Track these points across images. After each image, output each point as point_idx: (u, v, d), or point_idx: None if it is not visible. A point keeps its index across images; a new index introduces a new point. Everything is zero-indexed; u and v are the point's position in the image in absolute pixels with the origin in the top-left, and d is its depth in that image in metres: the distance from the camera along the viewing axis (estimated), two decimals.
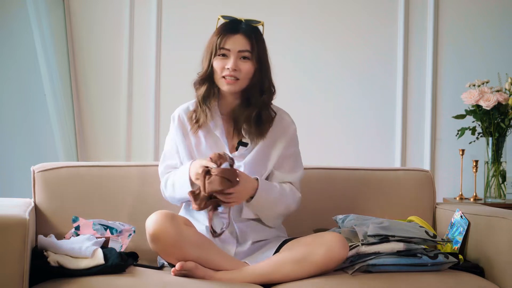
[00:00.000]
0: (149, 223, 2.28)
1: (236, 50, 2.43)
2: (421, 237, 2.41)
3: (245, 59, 2.45)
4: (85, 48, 3.64)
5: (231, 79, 2.43)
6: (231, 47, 2.43)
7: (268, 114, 2.50)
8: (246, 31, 2.46)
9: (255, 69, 2.46)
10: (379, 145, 3.77)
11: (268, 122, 2.49)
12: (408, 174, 2.86)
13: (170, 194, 2.51)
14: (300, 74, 3.74)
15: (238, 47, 2.43)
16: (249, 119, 2.47)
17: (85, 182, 2.62)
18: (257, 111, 2.47)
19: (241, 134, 2.50)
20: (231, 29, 2.46)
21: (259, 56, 2.46)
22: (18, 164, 3.47)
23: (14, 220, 2.09)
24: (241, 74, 2.44)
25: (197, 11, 3.69)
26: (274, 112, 2.53)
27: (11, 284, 2.07)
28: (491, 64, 3.73)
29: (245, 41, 2.44)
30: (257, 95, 2.48)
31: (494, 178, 3.49)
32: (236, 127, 2.51)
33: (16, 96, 3.51)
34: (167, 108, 3.66)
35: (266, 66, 2.49)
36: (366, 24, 3.76)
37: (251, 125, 2.47)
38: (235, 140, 2.51)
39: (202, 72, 2.49)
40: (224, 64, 2.43)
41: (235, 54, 2.43)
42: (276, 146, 2.51)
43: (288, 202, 2.50)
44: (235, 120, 2.51)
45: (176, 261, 2.27)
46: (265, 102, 2.49)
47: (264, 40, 2.50)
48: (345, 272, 2.35)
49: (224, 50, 2.44)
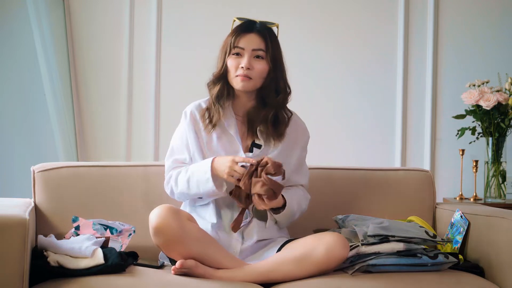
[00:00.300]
0: (153, 217, 2.28)
1: (250, 48, 2.44)
2: (421, 237, 2.41)
3: (258, 58, 2.45)
4: (85, 48, 3.64)
5: (244, 77, 2.43)
6: (245, 45, 2.44)
7: (284, 115, 2.51)
8: (260, 30, 2.47)
9: (269, 69, 2.46)
10: (379, 145, 3.77)
11: (284, 122, 2.50)
12: (408, 174, 2.86)
13: (183, 190, 2.46)
14: (300, 74, 3.74)
15: (252, 46, 2.44)
16: (266, 120, 2.47)
17: (85, 182, 2.62)
18: (274, 112, 2.48)
19: (255, 136, 2.50)
20: (245, 29, 2.46)
21: (273, 56, 2.46)
22: (18, 164, 3.47)
23: (14, 220, 2.09)
24: (255, 73, 2.44)
25: (197, 11, 3.69)
26: (290, 112, 2.55)
27: (11, 284, 2.07)
28: (491, 64, 3.73)
29: (259, 40, 2.45)
30: (272, 95, 2.48)
31: (494, 178, 3.49)
32: (250, 128, 2.51)
33: (16, 96, 3.51)
34: (167, 108, 3.67)
35: (281, 66, 2.49)
36: (366, 24, 3.76)
37: (268, 126, 2.48)
38: (248, 141, 2.51)
39: (217, 71, 2.49)
40: (238, 63, 2.44)
41: (249, 53, 2.43)
42: (294, 149, 2.54)
43: (303, 207, 2.55)
44: (250, 121, 2.50)
45: (178, 256, 2.28)
46: (281, 103, 2.50)
47: (278, 41, 2.51)
48: (345, 272, 2.35)
49: (238, 49, 2.44)
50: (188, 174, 2.44)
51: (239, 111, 2.52)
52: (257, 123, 2.48)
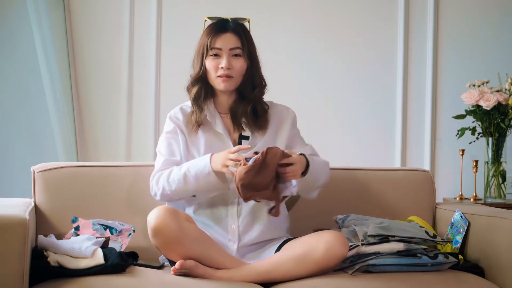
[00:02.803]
0: (151, 218, 2.29)
1: (227, 48, 2.46)
2: (421, 237, 2.41)
3: (237, 56, 2.48)
4: (85, 48, 3.64)
5: (225, 78, 2.46)
6: (222, 45, 2.46)
7: (262, 108, 2.55)
8: (234, 29, 2.49)
9: (247, 65, 2.50)
10: (379, 145, 3.77)
11: (263, 115, 2.53)
12: (408, 174, 2.86)
13: (176, 186, 2.42)
14: (300, 74, 3.74)
15: (229, 45, 2.46)
16: (246, 113, 2.51)
17: (85, 182, 2.62)
18: (251, 105, 2.52)
19: (241, 128, 2.53)
20: (220, 28, 2.49)
21: (250, 52, 2.50)
22: (18, 164, 3.47)
23: (14, 220, 2.09)
24: (235, 71, 2.48)
25: (197, 11, 3.68)
26: (266, 105, 2.57)
27: (11, 284, 2.07)
28: (491, 64, 3.73)
29: (235, 38, 2.48)
30: (249, 90, 2.52)
31: (494, 178, 3.49)
32: (235, 122, 2.53)
33: (16, 96, 3.51)
34: (167, 108, 3.64)
35: (257, 61, 2.53)
36: (366, 24, 3.76)
37: (249, 119, 2.51)
38: (236, 134, 2.54)
39: (195, 74, 2.53)
40: (218, 64, 2.46)
41: (227, 52, 2.46)
42: (281, 129, 2.56)
43: (326, 170, 2.54)
44: (233, 115, 2.53)
45: (177, 257, 2.28)
46: (258, 96, 2.54)
47: (251, 37, 2.53)
48: (345, 272, 2.35)
49: (216, 50, 2.46)
50: (183, 170, 2.42)
51: (222, 108, 2.55)
52: (240, 116, 2.52)
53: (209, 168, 2.38)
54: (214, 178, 2.38)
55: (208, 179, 2.39)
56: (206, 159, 2.40)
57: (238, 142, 2.52)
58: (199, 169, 2.40)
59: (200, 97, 2.51)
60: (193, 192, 2.44)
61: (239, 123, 2.52)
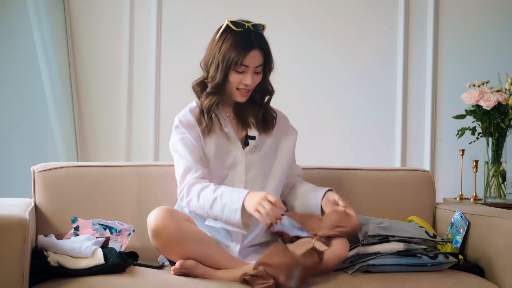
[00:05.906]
0: (151, 219, 2.29)
1: (253, 66, 2.47)
2: (421, 237, 2.41)
3: (257, 74, 2.49)
4: (85, 48, 3.64)
5: (245, 91, 2.48)
6: (249, 64, 2.46)
7: (270, 113, 2.57)
8: (259, 44, 2.47)
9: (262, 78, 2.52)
10: (379, 145, 3.77)
11: (271, 120, 2.56)
12: (408, 174, 2.86)
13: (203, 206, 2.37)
14: (300, 74, 3.74)
15: (255, 64, 2.47)
16: (257, 116, 2.54)
17: (85, 182, 2.62)
18: (262, 111, 2.55)
19: (247, 128, 2.54)
20: (247, 44, 2.45)
21: (269, 68, 2.52)
22: (18, 164, 3.46)
23: (14, 220, 2.10)
24: (253, 85, 2.49)
25: (197, 11, 3.69)
26: (274, 112, 2.59)
27: (11, 284, 2.07)
28: (491, 64, 3.73)
29: (261, 57, 2.48)
30: (259, 96, 2.55)
31: (494, 178, 3.49)
32: (241, 122, 2.55)
33: (16, 96, 3.51)
34: (167, 108, 3.66)
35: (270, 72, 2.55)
36: (366, 24, 3.76)
37: (258, 121, 2.53)
38: (242, 134, 2.54)
39: (215, 83, 2.47)
40: (241, 79, 2.46)
41: (252, 70, 2.47)
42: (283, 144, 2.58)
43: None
44: (240, 115, 2.55)
45: (177, 258, 2.28)
46: (266, 102, 2.57)
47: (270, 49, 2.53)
48: (345, 272, 2.35)
49: (244, 67, 2.45)
50: (216, 194, 2.36)
51: (227, 109, 2.56)
52: (247, 116, 2.54)
53: (240, 205, 2.31)
54: (238, 216, 2.31)
55: (233, 215, 2.32)
56: (241, 194, 2.33)
57: (245, 141, 2.52)
58: (231, 200, 2.33)
59: (213, 105, 2.49)
60: (213, 217, 2.39)
61: (245, 122, 2.54)
